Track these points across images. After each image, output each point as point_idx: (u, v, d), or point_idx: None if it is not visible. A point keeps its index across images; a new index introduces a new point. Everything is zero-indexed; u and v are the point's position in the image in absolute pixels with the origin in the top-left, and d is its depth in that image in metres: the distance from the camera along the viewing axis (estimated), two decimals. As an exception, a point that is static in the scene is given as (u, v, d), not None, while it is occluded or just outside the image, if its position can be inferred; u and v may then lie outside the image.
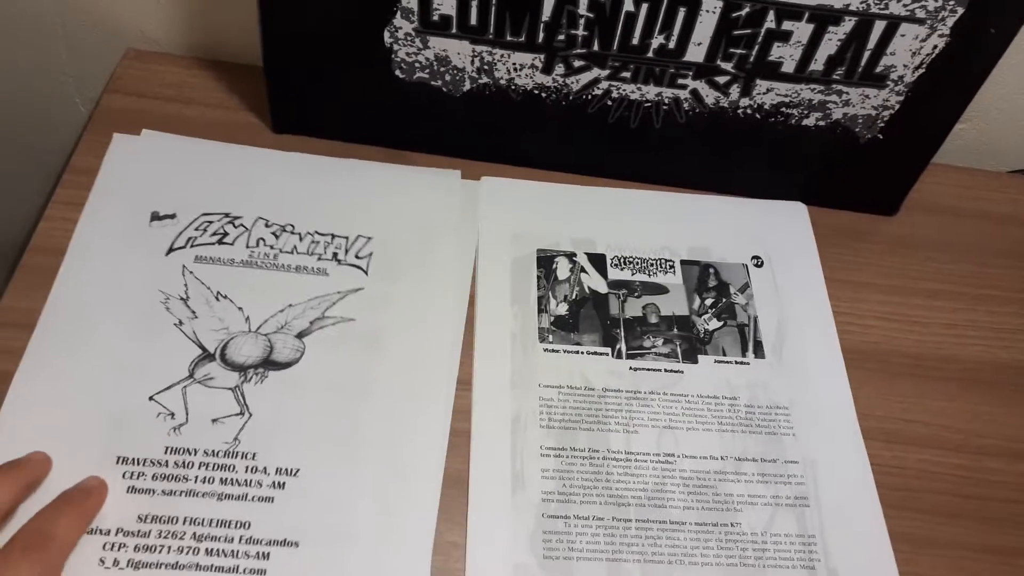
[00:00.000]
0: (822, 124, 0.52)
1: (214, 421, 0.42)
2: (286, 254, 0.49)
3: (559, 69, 0.50)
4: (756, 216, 0.55)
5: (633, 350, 0.48)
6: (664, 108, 0.51)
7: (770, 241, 0.54)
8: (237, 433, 0.42)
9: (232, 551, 0.39)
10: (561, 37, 0.48)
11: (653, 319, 0.50)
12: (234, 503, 0.40)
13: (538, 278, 0.50)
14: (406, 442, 0.43)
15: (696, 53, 0.48)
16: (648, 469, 0.44)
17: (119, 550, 0.38)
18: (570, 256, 0.52)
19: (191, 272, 0.47)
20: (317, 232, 0.50)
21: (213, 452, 0.41)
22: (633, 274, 0.51)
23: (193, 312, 0.45)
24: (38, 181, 0.71)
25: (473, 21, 0.47)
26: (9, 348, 0.43)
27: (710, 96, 0.51)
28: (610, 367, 0.48)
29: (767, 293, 0.52)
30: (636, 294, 0.51)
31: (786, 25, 0.46)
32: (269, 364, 0.45)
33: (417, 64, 0.50)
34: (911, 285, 0.54)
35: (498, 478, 0.43)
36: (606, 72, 0.50)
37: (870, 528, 0.44)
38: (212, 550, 0.39)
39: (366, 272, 0.49)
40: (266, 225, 0.49)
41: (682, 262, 0.52)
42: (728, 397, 0.47)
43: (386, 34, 0.49)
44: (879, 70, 0.49)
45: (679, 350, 0.49)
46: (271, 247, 0.49)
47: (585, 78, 0.50)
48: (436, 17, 0.47)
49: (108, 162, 0.50)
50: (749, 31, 0.47)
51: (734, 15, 0.46)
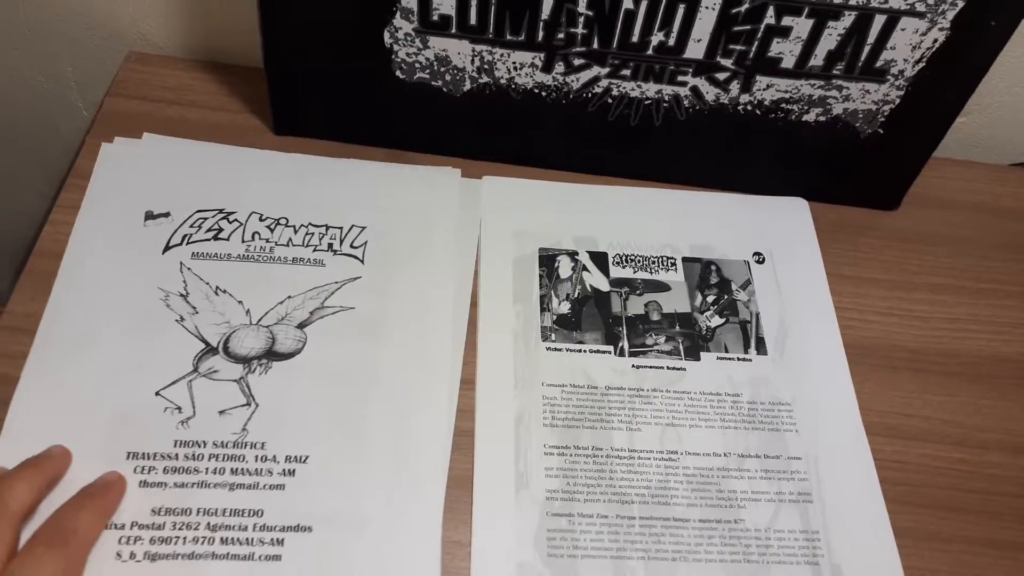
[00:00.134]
0: (823, 119, 0.52)
1: (221, 413, 0.43)
2: (282, 247, 0.49)
3: (559, 68, 0.50)
4: (757, 212, 0.55)
5: (635, 348, 0.49)
6: (664, 105, 0.51)
7: (772, 237, 0.54)
8: (245, 424, 0.43)
9: (247, 539, 0.40)
10: (561, 35, 0.48)
11: (655, 317, 0.50)
12: (246, 492, 0.41)
13: (540, 277, 0.51)
14: (412, 424, 0.44)
15: (696, 50, 0.48)
16: (651, 466, 0.44)
17: (135, 543, 0.39)
18: (572, 254, 0.52)
19: (189, 268, 0.47)
20: (311, 224, 0.50)
21: (222, 443, 0.42)
22: (635, 272, 0.52)
23: (193, 307, 0.46)
24: (41, 185, 0.71)
25: (473, 20, 0.47)
26: (14, 352, 0.43)
27: (710, 93, 0.50)
28: (613, 365, 0.48)
29: (769, 289, 0.52)
30: (638, 292, 0.51)
31: (786, 21, 0.46)
32: (272, 355, 0.45)
33: (417, 64, 0.50)
34: (913, 279, 0.54)
35: (502, 477, 0.43)
36: (606, 70, 0.50)
37: (873, 523, 0.44)
38: (227, 539, 0.39)
39: (362, 261, 0.49)
40: (260, 219, 0.50)
41: (684, 259, 0.52)
42: (731, 394, 0.47)
43: (386, 34, 0.49)
44: (879, 65, 0.48)
45: (681, 347, 0.49)
46: (266, 240, 0.49)
47: (585, 76, 0.50)
48: (436, 17, 0.48)
49: (100, 165, 0.51)
50: (749, 27, 0.47)
51: (733, 11, 0.46)
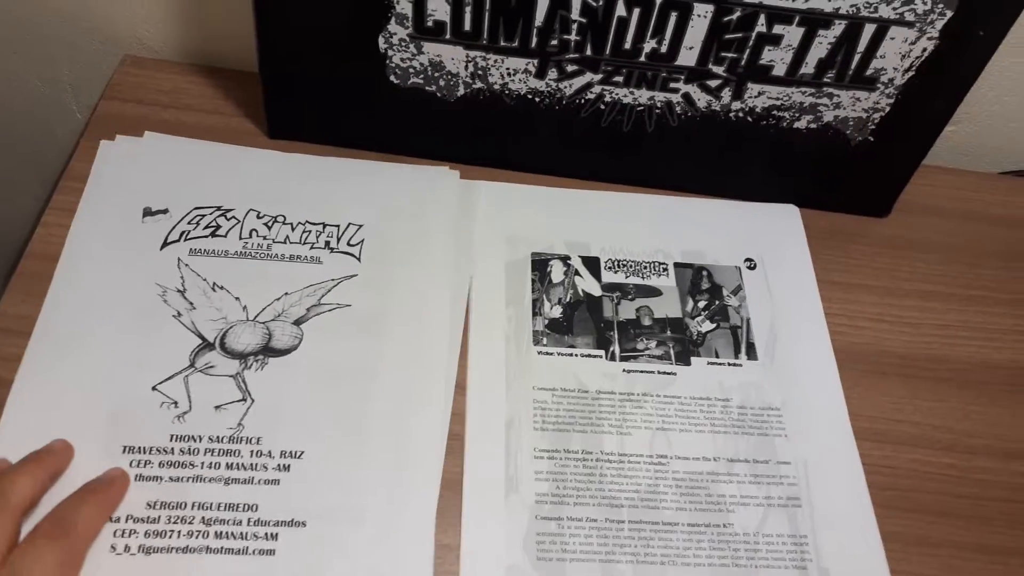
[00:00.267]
0: (813, 127, 0.52)
1: (217, 408, 0.43)
2: (279, 244, 0.49)
3: (552, 74, 0.50)
4: (749, 219, 0.55)
5: (626, 352, 0.49)
6: (656, 112, 0.52)
7: (763, 243, 0.54)
8: (240, 419, 0.43)
9: (241, 533, 0.40)
10: (554, 42, 0.48)
11: (646, 321, 0.50)
12: (241, 487, 0.41)
13: (532, 281, 0.51)
14: (407, 422, 0.44)
15: (688, 57, 0.48)
16: (641, 470, 0.45)
17: (130, 536, 0.39)
18: (564, 259, 0.52)
19: (186, 265, 0.47)
20: (308, 221, 0.50)
21: (218, 438, 0.42)
22: (627, 277, 0.52)
23: (191, 303, 0.46)
24: (35, 187, 0.71)
25: (467, 27, 0.48)
26: (7, 355, 0.43)
27: (702, 100, 0.51)
28: (604, 369, 0.48)
29: (760, 295, 0.52)
30: (630, 297, 0.51)
31: (777, 29, 0.47)
32: (268, 351, 0.45)
33: (411, 70, 0.51)
34: (903, 286, 0.54)
35: (492, 480, 0.43)
36: (599, 76, 0.50)
37: (861, 528, 0.44)
38: (221, 533, 0.39)
39: (359, 259, 0.49)
40: (258, 216, 0.50)
41: (675, 265, 0.53)
42: (721, 399, 0.48)
43: (380, 40, 0.49)
44: (869, 73, 0.49)
45: (672, 352, 0.49)
46: (264, 238, 0.49)
47: (578, 82, 0.50)
48: (430, 23, 0.48)
49: (100, 162, 0.51)
50: (740, 35, 0.47)
51: (725, 19, 0.46)
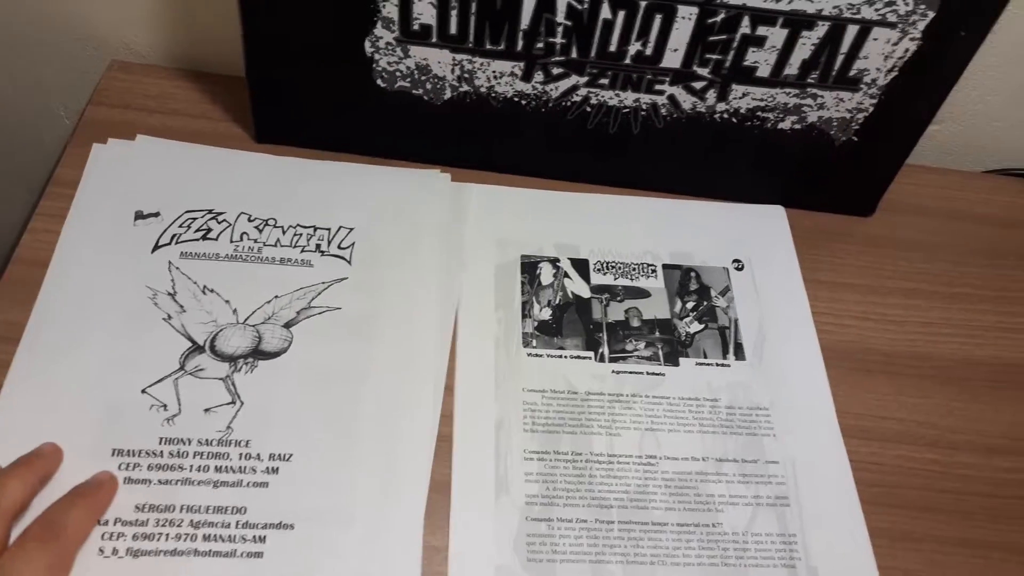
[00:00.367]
0: (798, 127, 0.52)
1: (206, 411, 0.43)
2: (270, 247, 0.49)
3: (538, 76, 0.50)
4: (736, 220, 0.56)
5: (616, 354, 0.49)
6: (642, 114, 0.52)
7: (750, 244, 0.55)
8: (230, 422, 0.43)
9: (229, 536, 0.40)
10: (540, 45, 0.48)
11: (635, 323, 0.50)
12: (229, 489, 0.41)
13: (522, 284, 0.51)
14: (396, 424, 0.44)
15: (673, 59, 0.49)
16: (630, 471, 0.45)
17: (118, 539, 0.39)
18: (553, 261, 0.52)
19: (177, 268, 0.48)
20: (300, 225, 0.50)
21: (207, 441, 0.42)
22: (616, 279, 0.52)
23: (181, 306, 0.46)
24: (22, 193, 0.71)
25: (453, 30, 0.48)
26: (-5, 362, 0.43)
27: (687, 101, 0.51)
28: (593, 371, 0.48)
29: (747, 296, 0.52)
30: (619, 298, 0.51)
31: (760, 30, 0.47)
32: (258, 354, 0.45)
33: (398, 73, 0.51)
34: (887, 284, 0.54)
35: (482, 482, 0.43)
36: (584, 79, 0.50)
37: (849, 525, 0.45)
38: (209, 535, 0.40)
39: (349, 262, 0.49)
40: (249, 220, 0.50)
41: (664, 266, 0.53)
42: (709, 399, 0.48)
43: (367, 44, 0.49)
44: (852, 73, 0.49)
45: (661, 353, 0.49)
46: (255, 241, 0.49)
47: (564, 85, 0.51)
48: (416, 27, 0.48)
49: (91, 166, 0.51)
50: (724, 37, 0.47)
51: (709, 21, 0.47)
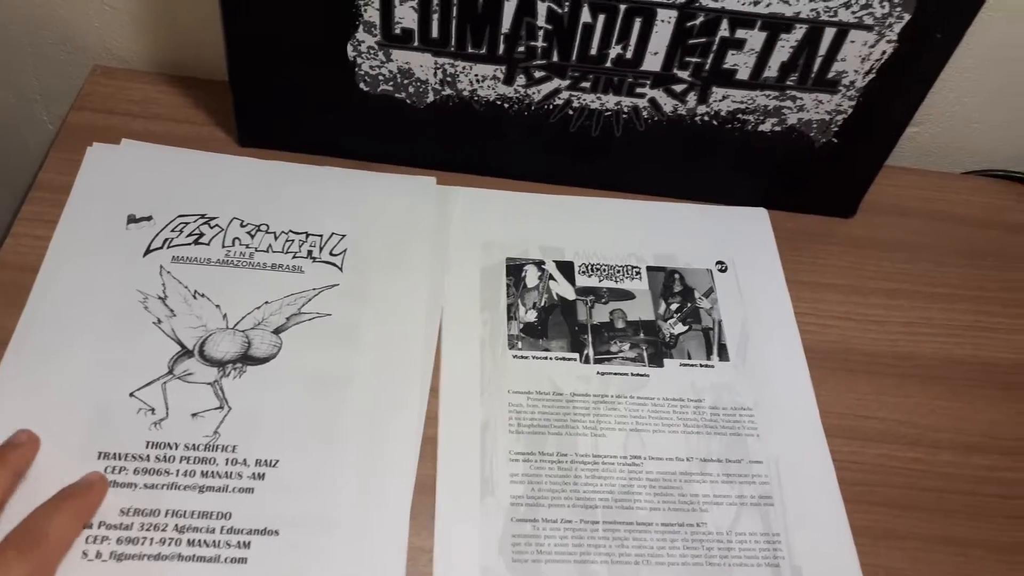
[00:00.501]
0: (778, 129, 0.53)
1: (194, 415, 0.43)
2: (261, 252, 0.49)
3: (520, 80, 0.50)
4: (719, 222, 0.56)
5: (600, 355, 0.49)
6: (624, 117, 0.52)
7: (733, 246, 0.55)
8: (217, 426, 0.43)
9: (214, 541, 0.40)
10: (521, 49, 0.49)
11: (620, 324, 0.51)
12: (215, 495, 0.41)
13: (507, 286, 0.51)
14: (383, 432, 0.44)
15: (653, 62, 0.49)
16: (615, 472, 0.45)
17: (102, 543, 0.39)
18: (539, 264, 0.52)
19: (168, 272, 0.47)
20: (292, 231, 0.50)
21: (194, 446, 0.42)
22: (600, 281, 0.52)
23: (171, 310, 0.46)
24: (8, 199, 0.71)
25: (435, 34, 0.48)
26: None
27: (668, 104, 0.52)
28: (578, 372, 0.48)
29: (731, 297, 0.53)
30: (603, 300, 0.51)
31: (739, 33, 0.47)
32: (247, 359, 0.45)
33: (381, 77, 0.51)
34: (869, 285, 0.55)
35: (467, 483, 0.43)
36: (566, 82, 0.50)
37: (832, 524, 0.45)
38: (194, 540, 0.39)
39: (340, 268, 0.49)
40: (241, 225, 0.50)
41: (648, 268, 0.53)
42: (693, 399, 0.48)
43: (349, 48, 0.49)
44: (831, 76, 0.50)
45: (645, 354, 0.50)
46: (247, 246, 0.49)
47: (546, 88, 0.51)
48: (398, 30, 0.48)
49: (84, 169, 0.51)
50: (704, 40, 0.48)
51: (689, 24, 0.47)
